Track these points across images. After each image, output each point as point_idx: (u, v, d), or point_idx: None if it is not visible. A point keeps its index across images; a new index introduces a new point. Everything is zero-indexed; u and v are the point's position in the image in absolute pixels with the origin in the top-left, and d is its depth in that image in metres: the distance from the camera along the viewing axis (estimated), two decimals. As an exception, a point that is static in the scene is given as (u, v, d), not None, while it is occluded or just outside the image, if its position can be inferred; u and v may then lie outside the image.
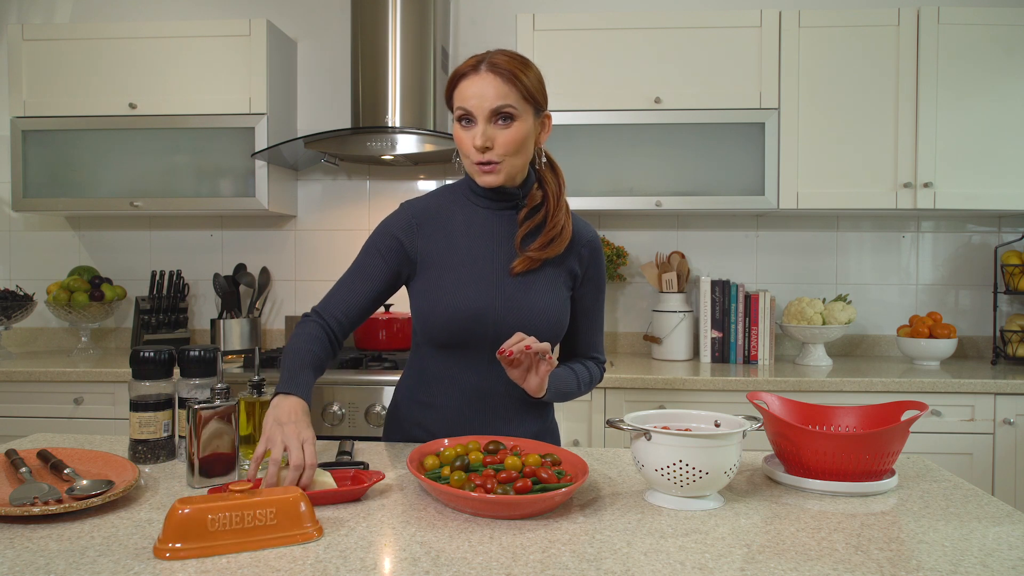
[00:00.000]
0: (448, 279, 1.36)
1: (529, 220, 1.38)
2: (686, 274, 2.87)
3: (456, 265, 1.37)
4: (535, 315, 1.35)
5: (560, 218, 1.37)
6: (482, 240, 1.38)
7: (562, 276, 1.40)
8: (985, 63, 2.56)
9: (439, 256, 1.38)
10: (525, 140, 1.32)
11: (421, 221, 1.40)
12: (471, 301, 1.34)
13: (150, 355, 1.29)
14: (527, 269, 1.36)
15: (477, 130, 1.29)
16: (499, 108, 1.28)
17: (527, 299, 1.36)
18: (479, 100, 1.27)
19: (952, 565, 0.87)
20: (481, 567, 0.85)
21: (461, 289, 1.35)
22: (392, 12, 2.67)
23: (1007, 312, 2.92)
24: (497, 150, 1.30)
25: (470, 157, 1.32)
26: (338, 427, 2.35)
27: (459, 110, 1.31)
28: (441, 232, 1.40)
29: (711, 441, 1.04)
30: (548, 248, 1.36)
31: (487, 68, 1.28)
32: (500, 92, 1.27)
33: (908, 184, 2.57)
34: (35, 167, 2.78)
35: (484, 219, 1.40)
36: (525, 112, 1.31)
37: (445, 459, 1.14)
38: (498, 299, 1.35)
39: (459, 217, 1.41)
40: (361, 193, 3.08)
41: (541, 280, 1.37)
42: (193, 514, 0.89)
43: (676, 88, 2.62)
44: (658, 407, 2.38)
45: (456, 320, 1.34)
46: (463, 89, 1.30)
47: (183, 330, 3.01)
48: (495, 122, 1.29)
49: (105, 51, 2.75)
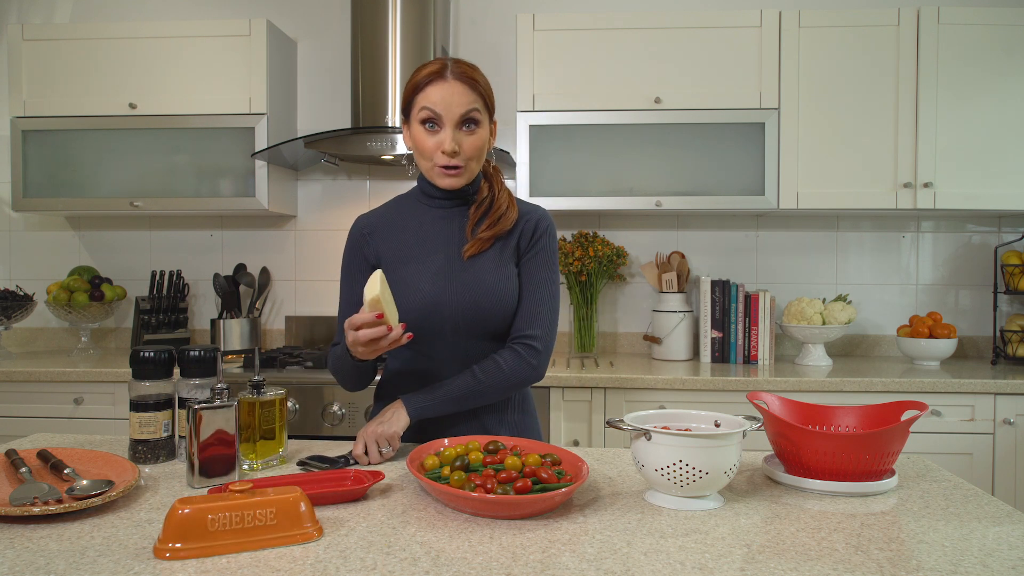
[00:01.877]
0: (401, 277, 1.41)
1: (477, 209, 1.44)
2: (686, 274, 2.87)
3: (409, 263, 1.42)
4: (486, 294, 1.38)
5: (503, 199, 1.44)
6: (435, 237, 1.44)
7: (507, 253, 1.43)
8: (985, 63, 2.56)
9: (392, 257, 1.44)
10: (485, 144, 1.39)
11: (371, 229, 1.48)
12: (425, 293, 1.38)
13: (150, 355, 1.29)
14: (479, 251, 1.40)
15: (445, 135, 1.34)
16: (467, 113, 1.34)
17: (477, 282, 1.39)
18: (448, 106, 1.33)
19: (952, 565, 0.87)
20: (481, 567, 0.85)
21: (413, 285, 1.39)
22: (392, 12, 2.67)
23: (1007, 312, 2.92)
24: (464, 154, 1.36)
25: (434, 160, 1.37)
26: (338, 427, 2.35)
27: (425, 111, 1.34)
28: (392, 236, 1.46)
29: (711, 441, 1.04)
30: (496, 226, 1.41)
31: (454, 76, 1.34)
32: (468, 99, 1.34)
33: (908, 184, 2.57)
34: (35, 167, 2.78)
35: (436, 218, 1.45)
36: (485, 118, 1.38)
37: (445, 459, 1.14)
38: (451, 288, 1.39)
39: (412, 220, 1.46)
40: (361, 193, 3.08)
41: (490, 262, 1.41)
42: (193, 514, 0.89)
43: (676, 88, 2.62)
44: (658, 407, 2.38)
45: (412, 312, 1.37)
46: (430, 94, 1.34)
47: (183, 330, 3.01)
48: (461, 128, 1.35)
49: (105, 51, 2.75)
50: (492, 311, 1.38)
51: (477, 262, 1.41)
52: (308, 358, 2.54)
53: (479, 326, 1.39)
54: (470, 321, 1.39)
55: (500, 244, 1.43)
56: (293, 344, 3.03)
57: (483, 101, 1.36)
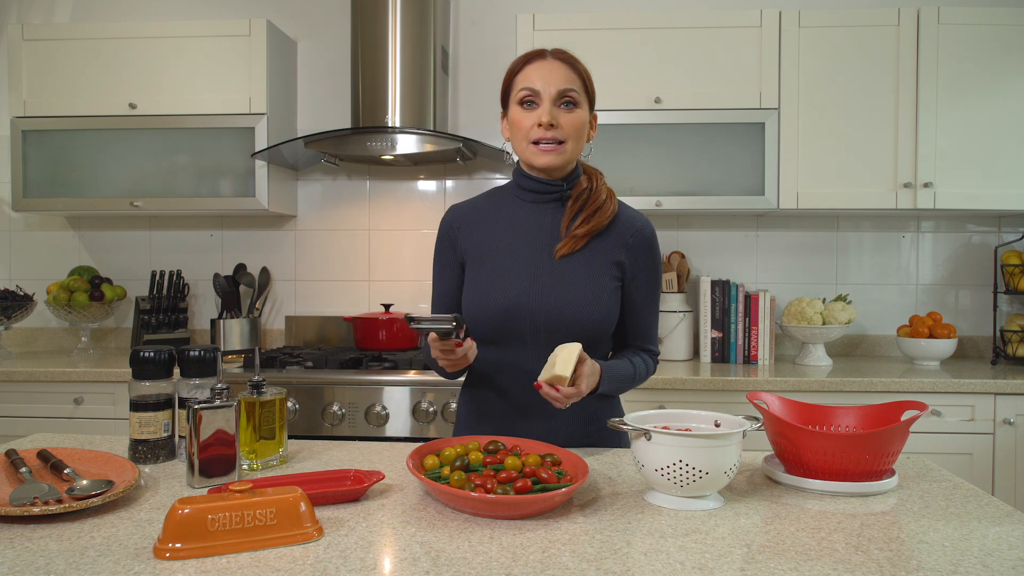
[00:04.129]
0: (484, 274, 1.38)
1: (575, 203, 1.40)
2: (686, 274, 2.87)
3: (495, 259, 1.39)
4: (572, 304, 1.34)
5: (602, 194, 1.40)
6: (526, 232, 1.40)
7: (605, 265, 1.38)
8: (985, 63, 2.56)
9: (479, 252, 1.41)
10: (583, 127, 1.36)
11: (461, 221, 1.45)
12: (507, 293, 1.35)
13: (150, 355, 1.29)
14: (572, 250, 1.36)
15: (544, 108, 1.32)
16: (565, 91, 1.33)
17: (564, 289, 1.35)
18: (546, 82, 1.32)
19: (952, 565, 0.87)
20: (481, 567, 0.85)
21: (497, 282, 1.36)
22: (392, 12, 2.67)
23: (1007, 312, 2.92)
24: (562, 130, 1.33)
25: (530, 136, 1.34)
26: (338, 427, 2.35)
27: (524, 91, 1.34)
28: (482, 229, 1.42)
29: (711, 441, 1.04)
30: (591, 221, 1.37)
31: (553, 56, 1.34)
32: (567, 77, 1.33)
33: (908, 184, 2.57)
34: (35, 167, 2.78)
35: (529, 212, 1.42)
36: (584, 102, 1.36)
37: (445, 459, 1.14)
38: (534, 290, 1.35)
39: (503, 213, 1.43)
40: (361, 193, 3.08)
41: (581, 269, 1.37)
42: (193, 514, 0.89)
43: (676, 88, 2.62)
44: (658, 407, 2.38)
45: (492, 311, 1.35)
46: (529, 72, 1.34)
47: (183, 330, 3.01)
48: (559, 105, 1.33)
49: (105, 51, 2.75)
50: (576, 320, 1.34)
51: (568, 264, 1.36)
52: (308, 358, 2.54)
53: (560, 332, 1.34)
54: (552, 326, 1.34)
55: (597, 248, 1.38)
56: (293, 344, 3.03)
57: (583, 84, 1.35)
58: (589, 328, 1.35)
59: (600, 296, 1.36)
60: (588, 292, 1.35)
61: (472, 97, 3.02)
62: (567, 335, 1.34)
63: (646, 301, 1.44)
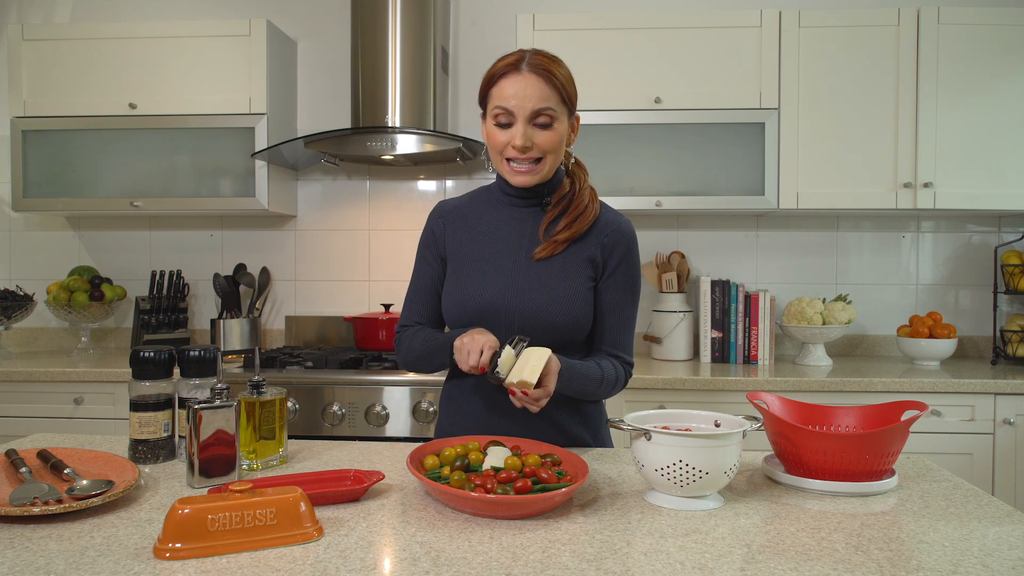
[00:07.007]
0: (464, 273, 1.38)
1: (555, 208, 1.39)
2: (686, 274, 2.87)
3: (476, 260, 1.39)
4: (546, 305, 1.33)
5: (585, 198, 1.38)
6: (507, 235, 1.40)
7: (581, 264, 1.37)
8: (985, 63, 2.56)
9: (461, 251, 1.41)
10: (561, 142, 1.33)
11: (447, 220, 1.45)
12: (483, 294, 1.35)
13: (150, 355, 1.29)
14: (551, 254, 1.36)
15: (516, 130, 1.29)
16: (540, 110, 1.28)
17: (540, 290, 1.34)
18: (520, 100, 1.28)
19: (952, 565, 0.87)
20: (481, 567, 0.85)
21: (475, 282, 1.36)
22: (392, 12, 2.67)
23: (1007, 312, 2.92)
24: (536, 150, 1.31)
25: (504, 154, 1.33)
26: (338, 427, 2.35)
27: (498, 109, 1.30)
28: (466, 229, 1.43)
29: (711, 441, 1.04)
30: (573, 226, 1.35)
31: (529, 68, 1.28)
32: (542, 94, 1.28)
33: (908, 184, 2.57)
34: (35, 167, 2.78)
35: (511, 216, 1.41)
36: (562, 115, 1.32)
37: (445, 459, 1.14)
38: (510, 292, 1.35)
39: (486, 215, 1.43)
40: (361, 193, 3.08)
41: (558, 271, 1.36)
42: (193, 514, 0.89)
43: (676, 88, 2.62)
44: (658, 407, 2.38)
45: (468, 312, 1.35)
46: (503, 88, 1.29)
47: (183, 330, 3.01)
48: (533, 123, 1.30)
49: (105, 51, 2.75)
50: (550, 321, 1.33)
51: (545, 266, 1.36)
52: (308, 358, 2.54)
53: (536, 333, 1.33)
54: (527, 328, 1.33)
55: (575, 250, 1.37)
56: (293, 344, 3.03)
57: (560, 96, 1.30)
58: (563, 329, 1.34)
59: (574, 297, 1.35)
60: (562, 293, 1.34)
61: (472, 97, 3.02)
62: (543, 336, 1.33)
63: (619, 305, 1.40)
